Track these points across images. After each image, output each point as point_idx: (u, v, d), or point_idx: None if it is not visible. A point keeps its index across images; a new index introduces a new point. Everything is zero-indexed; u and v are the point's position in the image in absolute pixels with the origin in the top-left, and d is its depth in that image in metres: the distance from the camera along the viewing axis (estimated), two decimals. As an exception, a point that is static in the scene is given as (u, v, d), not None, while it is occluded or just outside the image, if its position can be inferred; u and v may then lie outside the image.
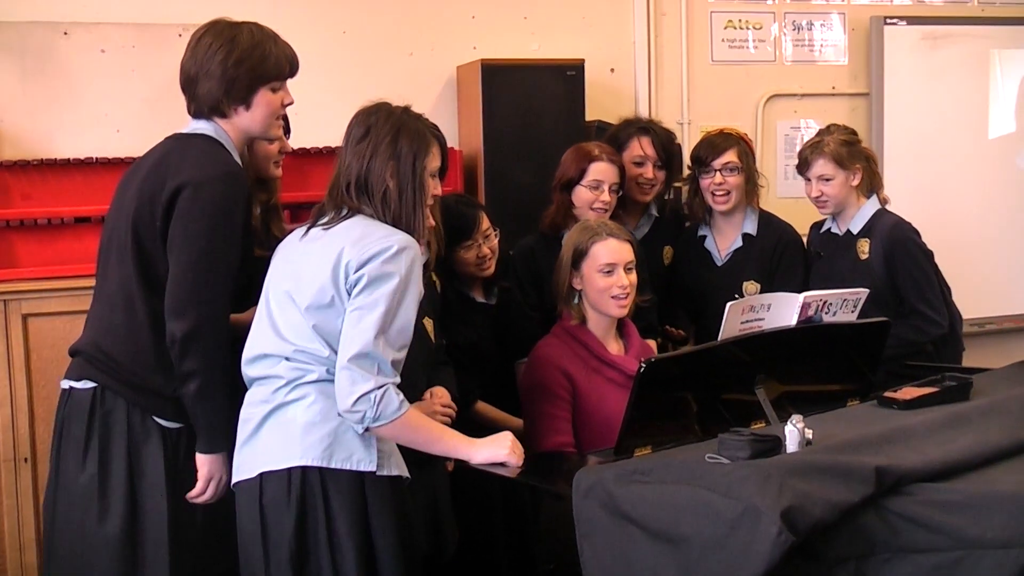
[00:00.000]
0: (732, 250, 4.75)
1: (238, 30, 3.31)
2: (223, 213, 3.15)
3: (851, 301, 3.71)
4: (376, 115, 3.15)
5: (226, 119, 3.32)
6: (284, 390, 3.01)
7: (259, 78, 3.30)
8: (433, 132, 3.25)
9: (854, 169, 4.56)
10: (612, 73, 5.96)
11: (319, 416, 2.97)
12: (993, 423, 3.11)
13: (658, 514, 2.62)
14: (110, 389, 3.22)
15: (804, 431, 2.90)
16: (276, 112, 3.38)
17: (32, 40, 5.00)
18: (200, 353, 3.09)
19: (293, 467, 2.95)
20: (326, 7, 5.45)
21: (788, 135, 6.31)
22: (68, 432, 3.27)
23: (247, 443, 3.06)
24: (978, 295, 6.27)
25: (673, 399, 3.44)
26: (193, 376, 3.10)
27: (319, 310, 2.99)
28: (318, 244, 3.06)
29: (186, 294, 3.10)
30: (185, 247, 3.12)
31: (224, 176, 3.19)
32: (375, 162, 3.08)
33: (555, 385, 3.76)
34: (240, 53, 3.27)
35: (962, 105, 6.47)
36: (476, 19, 5.70)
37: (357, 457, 2.97)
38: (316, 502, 2.94)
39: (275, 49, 3.35)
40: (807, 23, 6.36)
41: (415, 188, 3.10)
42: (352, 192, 3.10)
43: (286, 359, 3.02)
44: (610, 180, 4.40)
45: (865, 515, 2.60)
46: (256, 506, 2.98)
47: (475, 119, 5.30)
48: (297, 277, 3.07)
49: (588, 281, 3.85)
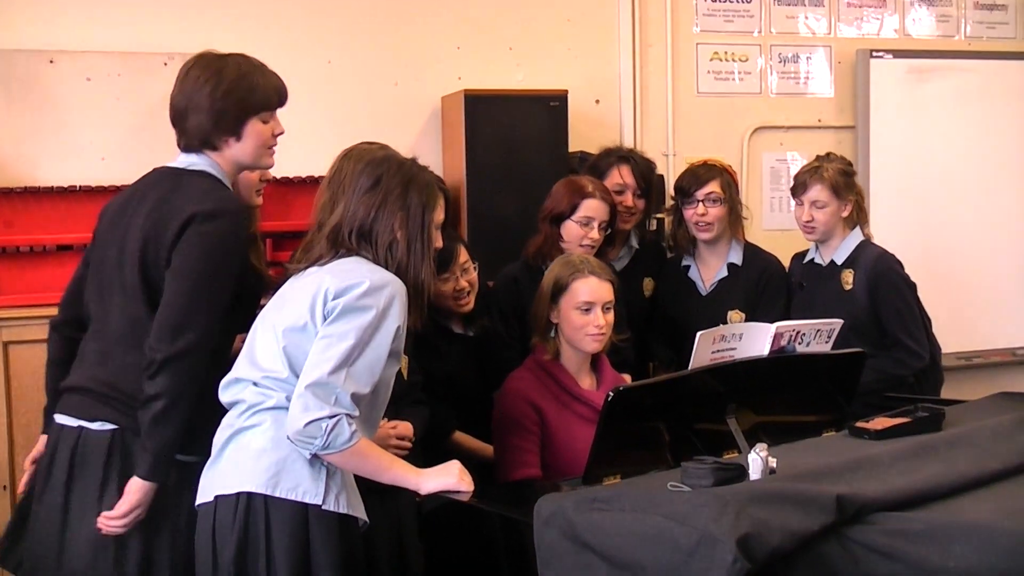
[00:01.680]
0: (717, 280, 4.75)
1: (224, 62, 3.33)
2: (222, 247, 3.15)
3: (825, 332, 3.71)
4: (387, 165, 3.15)
5: (217, 151, 3.32)
6: (245, 415, 3.01)
7: (248, 109, 3.31)
8: (439, 185, 3.28)
9: (847, 200, 4.59)
10: (597, 104, 5.98)
11: (271, 443, 2.96)
12: (961, 453, 3.10)
13: (617, 542, 2.61)
14: (131, 431, 3.17)
15: (768, 459, 2.89)
16: (267, 142, 3.38)
17: (18, 68, 5.02)
18: (173, 378, 3.06)
19: (241, 492, 2.94)
20: (311, 37, 5.48)
21: (774, 167, 6.33)
22: (82, 473, 3.21)
23: (210, 467, 3.06)
24: (964, 329, 6.29)
25: (644, 428, 3.42)
26: (158, 398, 3.06)
27: (291, 332, 2.99)
28: (306, 280, 3.07)
29: (175, 320, 3.09)
30: (181, 275, 3.13)
31: (231, 212, 3.20)
32: (383, 212, 3.08)
33: (523, 418, 3.76)
34: (228, 85, 3.28)
35: (948, 139, 6.49)
36: (461, 49, 5.73)
37: (303, 488, 2.94)
38: (258, 530, 2.92)
39: (262, 80, 3.36)
40: (793, 55, 6.39)
41: (424, 240, 3.12)
42: (353, 238, 3.09)
43: (253, 384, 3.02)
44: (600, 217, 4.40)
45: (826, 543, 2.59)
46: (210, 528, 2.97)
47: (459, 149, 5.32)
48: (282, 307, 3.08)
49: (565, 317, 3.85)
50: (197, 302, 3.11)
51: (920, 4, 6.63)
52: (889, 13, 6.58)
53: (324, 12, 5.51)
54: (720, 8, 6.27)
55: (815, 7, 6.44)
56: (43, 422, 3.47)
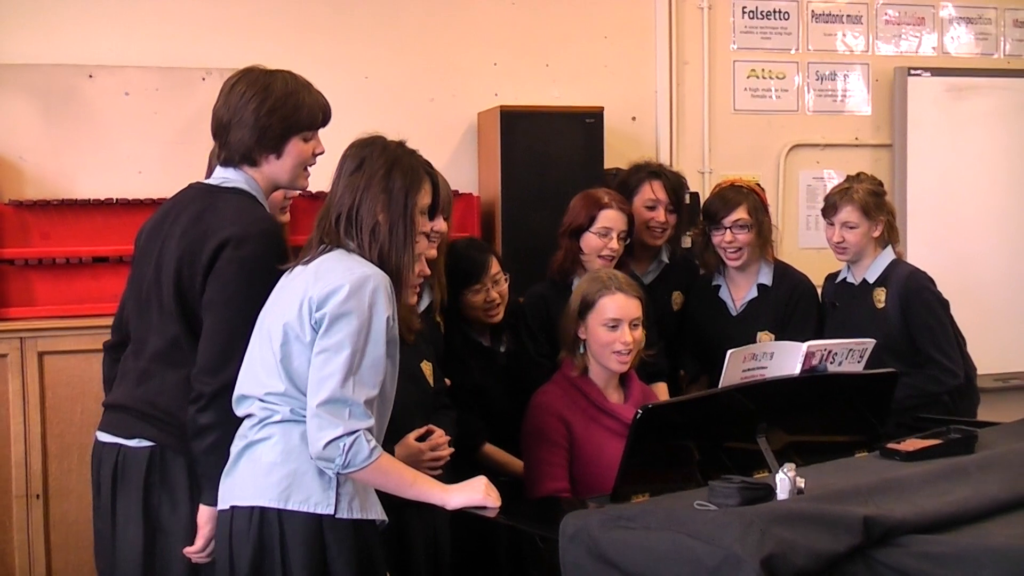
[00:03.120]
0: (747, 300, 4.72)
1: (272, 78, 3.29)
2: (261, 271, 3.11)
3: (857, 351, 3.69)
4: (371, 148, 3.13)
5: (256, 167, 3.29)
6: (256, 428, 3.01)
7: (292, 127, 3.27)
8: (426, 169, 3.21)
9: (878, 220, 4.55)
10: (633, 121, 5.99)
11: (280, 457, 2.97)
12: (992, 476, 3.07)
13: (641, 560, 2.60)
14: (170, 448, 3.18)
15: (795, 479, 2.88)
16: (306, 162, 3.35)
17: (57, 82, 5.09)
18: (223, 409, 3.06)
19: (255, 506, 2.96)
20: (349, 52, 5.52)
21: (810, 185, 6.30)
22: (124, 488, 3.22)
23: (227, 475, 3.07)
24: (1001, 349, 6.24)
25: (673, 446, 3.41)
26: (211, 430, 3.06)
27: (284, 346, 2.98)
28: (294, 280, 3.05)
29: (221, 352, 3.08)
30: (221, 304, 3.11)
31: (264, 233, 3.16)
32: (367, 195, 3.05)
33: (552, 431, 3.76)
34: (274, 102, 3.24)
35: (986, 157, 6.45)
36: (498, 66, 5.75)
37: (314, 500, 2.94)
38: (273, 543, 2.94)
39: (308, 98, 3.33)
40: (830, 73, 6.38)
41: (406, 224, 3.07)
42: (341, 225, 3.07)
43: (258, 399, 3.02)
44: (619, 228, 4.40)
45: (852, 565, 2.57)
46: (227, 535, 2.99)
47: (494, 165, 5.34)
48: (274, 313, 3.05)
49: (592, 333, 3.84)
50: (240, 330, 3.08)
51: (959, 22, 6.60)
52: (928, 31, 6.56)
53: (361, 28, 5.55)
54: (757, 25, 6.26)
55: (853, 25, 6.43)
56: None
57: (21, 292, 4.73)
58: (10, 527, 4.57)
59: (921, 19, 6.55)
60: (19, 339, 4.57)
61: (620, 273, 4.09)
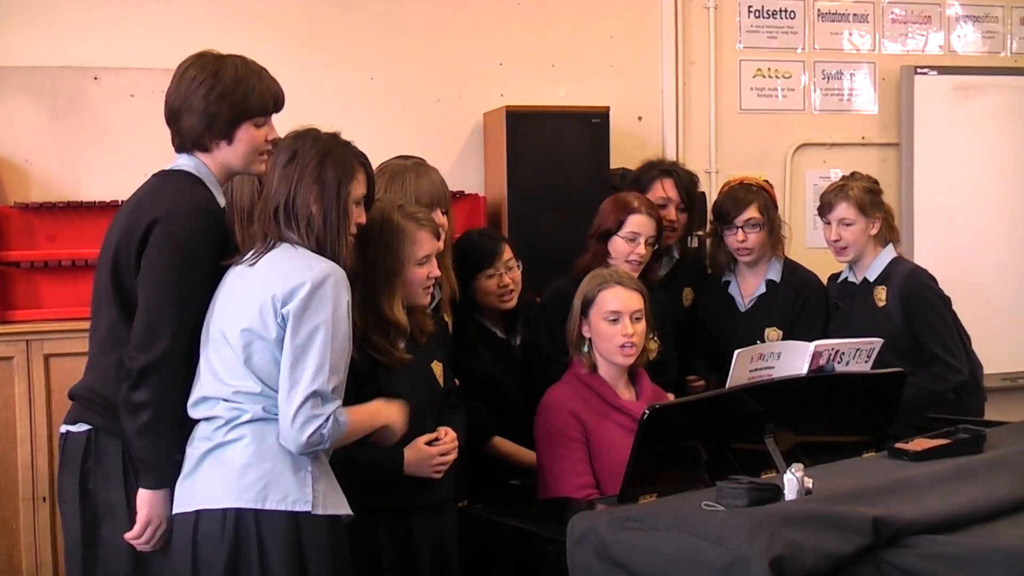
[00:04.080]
0: (756, 296, 4.74)
1: (223, 64, 3.26)
2: (192, 248, 3.10)
3: (864, 351, 3.68)
4: (304, 139, 3.14)
5: (208, 153, 3.26)
6: (223, 430, 3.01)
7: (242, 114, 3.24)
8: (360, 159, 3.21)
9: (875, 217, 4.56)
10: (640, 121, 5.98)
11: (254, 457, 2.97)
12: (1001, 476, 3.07)
13: (649, 562, 2.60)
14: (104, 431, 3.18)
15: (803, 480, 2.87)
16: (259, 148, 3.29)
17: (63, 84, 5.09)
18: (155, 386, 3.03)
19: (228, 508, 2.95)
20: (354, 53, 5.51)
21: (817, 185, 6.25)
22: (65, 472, 3.24)
23: (187, 478, 3.06)
24: (1010, 349, 6.22)
25: (681, 447, 3.41)
26: (143, 408, 3.03)
27: (248, 347, 2.99)
28: (244, 281, 3.06)
29: (151, 328, 3.05)
30: (152, 281, 3.08)
31: (195, 211, 3.13)
32: (301, 187, 3.07)
33: (567, 427, 3.75)
34: (223, 88, 3.21)
35: (993, 156, 6.42)
36: (504, 66, 5.74)
37: (292, 498, 2.96)
38: (250, 544, 2.94)
39: (259, 85, 3.29)
40: (837, 72, 6.36)
41: (339, 214, 3.08)
42: (280, 217, 3.09)
43: (224, 400, 3.01)
44: (647, 233, 4.38)
45: (861, 566, 2.58)
46: (190, 541, 2.98)
47: (500, 166, 5.33)
48: (227, 316, 3.06)
49: (595, 329, 3.84)
50: (167, 307, 3.06)
51: (965, 20, 6.58)
52: (934, 29, 6.54)
53: (367, 29, 5.54)
54: (763, 25, 6.25)
55: (859, 23, 6.41)
56: None
57: (27, 294, 4.73)
58: (16, 530, 4.56)
59: (927, 17, 6.53)
60: (25, 341, 4.57)
61: (621, 269, 4.09)
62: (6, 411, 4.54)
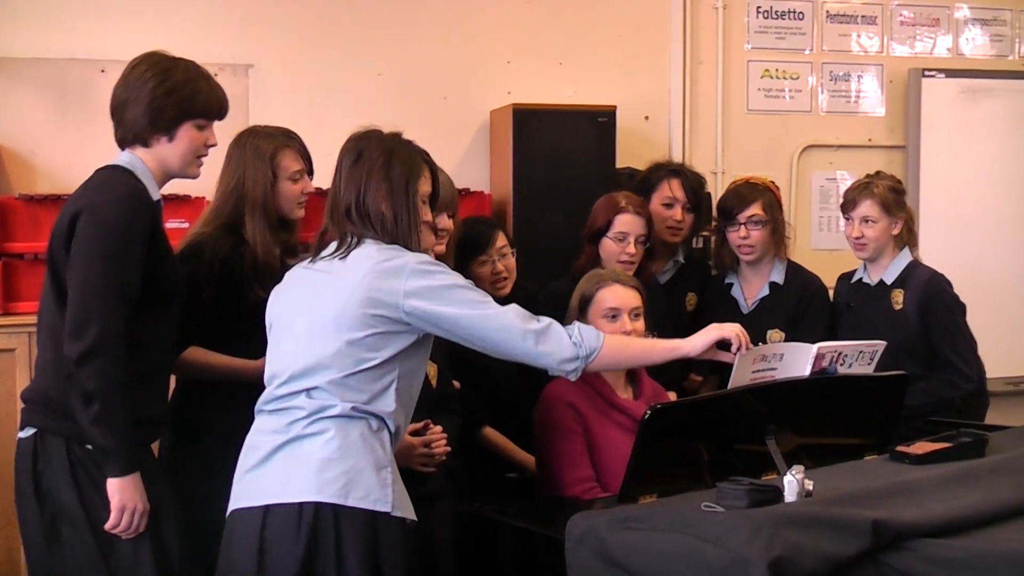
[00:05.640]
0: (759, 298, 4.73)
1: (174, 64, 3.30)
2: (118, 235, 3.08)
3: (867, 353, 3.67)
4: (367, 140, 3.17)
5: (147, 149, 3.26)
6: (302, 422, 2.98)
7: (186, 112, 3.26)
8: (424, 157, 3.23)
9: (898, 217, 4.57)
10: (646, 120, 5.97)
11: (338, 452, 2.94)
12: (1003, 480, 3.06)
13: (649, 562, 2.60)
14: (48, 431, 3.16)
15: (804, 482, 2.86)
16: (198, 150, 3.32)
17: (70, 77, 5.09)
18: (97, 374, 3.00)
19: (306, 502, 2.91)
20: (361, 49, 5.50)
21: (823, 186, 6.29)
22: (20, 481, 3.20)
23: (253, 471, 3.02)
24: (1012, 353, 6.21)
25: (682, 447, 3.40)
26: (92, 399, 3.01)
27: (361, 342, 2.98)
28: (337, 276, 3.04)
29: (82, 316, 3.03)
30: (80, 269, 3.07)
31: (119, 198, 3.13)
32: (370, 185, 3.08)
33: (567, 420, 3.74)
34: (172, 84, 3.24)
35: (1001, 160, 6.42)
36: (511, 64, 5.73)
37: (374, 497, 2.93)
38: (327, 540, 2.90)
39: (207, 88, 3.33)
40: (844, 74, 6.35)
41: (410, 211, 3.10)
42: (354, 217, 3.09)
43: (307, 392, 2.99)
44: (636, 232, 4.39)
45: (861, 569, 2.57)
46: (256, 537, 2.93)
47: (506, 163, 5.33)
48: (321, 308, 3.03)
49: (594, 327, 3.83)
50: (96, 294, 3.04)
51: (974, 24, 6.57)
52: (942, 32, 6.53)
53: (374, 25, 5.54)
54: (772, 25, 6.24)
55: (868, 25, 6.40)
56: None
57: (31, 286, 4.71)
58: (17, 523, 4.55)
59: (936, 20, 6.52)
60: (27, 334, 4.55)
61: (618, 269, 4.10)
62: (8, 403, 4.52)
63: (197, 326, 3.66)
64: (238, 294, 3.69)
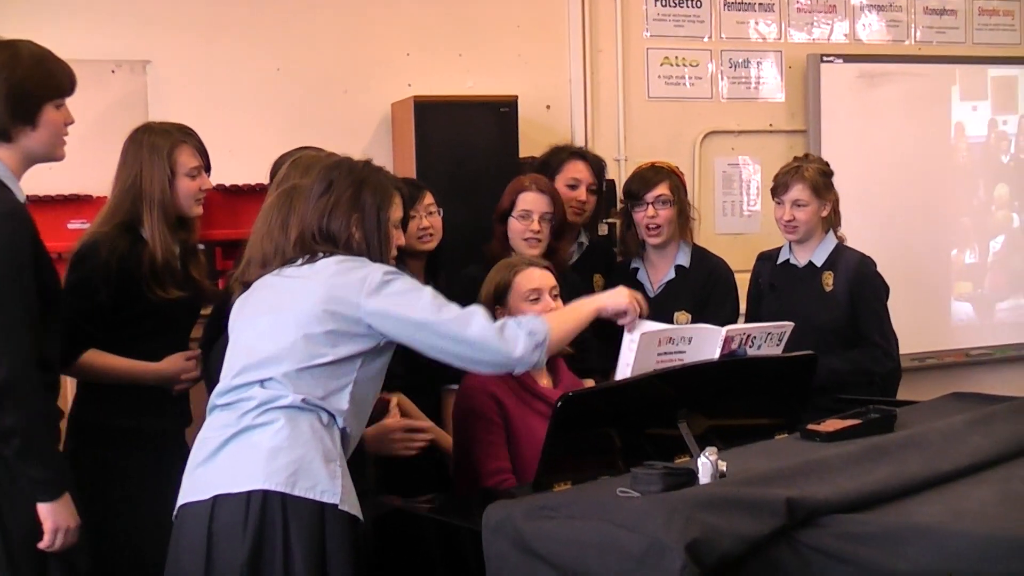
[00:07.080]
0: (664, 281, 4.75)
1: (17, 47, 3.14)
2: (8, 257, 2.95)
3: (775, 335, 3.70)
4: (338, 170, 3.19)
5: (11, 143, 3.11)
6: (252, 414, 2.97)
7: (45, 94, 3.14)
8: (394, 184, 3.29)
9: (827, 200, 4.64)
10: (548, 110, 5.96)
11: (286, 441, 2.93)
12: (912, 455, 3.09)
13: (566, 551, 2.58)
14: None
15: (717, 463, 2.87)
16: (61, 132, 3.21)
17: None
18: (16, 406, 2.90)
19: (254, 490, 2.89)
20: (260, 43, 5.42)
21: (726, 172, 6.33)
22: None
23: (203, 465, 3.00)
24: (917, 330, 6.29)
25: (595, 434, 3.41)
26: (13, 435, 2.91)
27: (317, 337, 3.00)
28: (303, 280, 3.08)
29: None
30: None
31: (2, 218, 2.98)
32: (336, 213, 3.11)
33: (487, 410, 3.73)
34: (25, 69, 3.10)
35: (899, 143, 6.52)
36: (411, 56, 5.69)
37: (321, 488, 2.92)
38: (275, 530, 2.88)
39: (56, 65, 3.21)
40: (744, 60, 6.39)
41: (380, 238, 3.14)
42: (320, 242, 3.13)
43: (260, 383, 2.99)
44: (540, 209, 4.41)
45: (776, 548, 2.57)
46: (204, 531, 2.90)
47: (409, 156, 5.29)
48: (285, 306, 3.06)
49: (516, 313, 3.81)
50: (2, 324, 2.91)
51: (870, 10, 6.66)
52: (839, 18, 6.60)
53: (273, 19, 5.46)
54: (670, 13, 6.26)
55: (765, 12, 6.45)
56: None
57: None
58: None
59: (832, 6, 6.59)
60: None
61: (523, 247, 4.27)
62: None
63: (95, 328, 3.60)
64: (137, 294, 3.64)
